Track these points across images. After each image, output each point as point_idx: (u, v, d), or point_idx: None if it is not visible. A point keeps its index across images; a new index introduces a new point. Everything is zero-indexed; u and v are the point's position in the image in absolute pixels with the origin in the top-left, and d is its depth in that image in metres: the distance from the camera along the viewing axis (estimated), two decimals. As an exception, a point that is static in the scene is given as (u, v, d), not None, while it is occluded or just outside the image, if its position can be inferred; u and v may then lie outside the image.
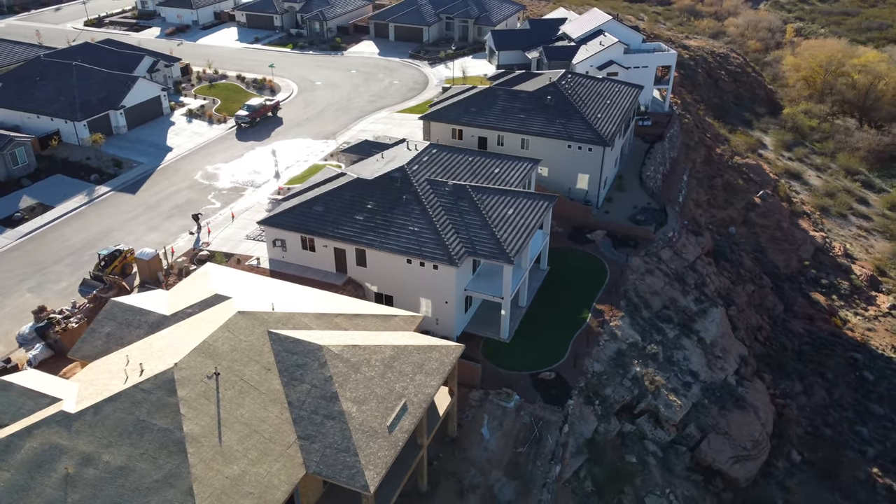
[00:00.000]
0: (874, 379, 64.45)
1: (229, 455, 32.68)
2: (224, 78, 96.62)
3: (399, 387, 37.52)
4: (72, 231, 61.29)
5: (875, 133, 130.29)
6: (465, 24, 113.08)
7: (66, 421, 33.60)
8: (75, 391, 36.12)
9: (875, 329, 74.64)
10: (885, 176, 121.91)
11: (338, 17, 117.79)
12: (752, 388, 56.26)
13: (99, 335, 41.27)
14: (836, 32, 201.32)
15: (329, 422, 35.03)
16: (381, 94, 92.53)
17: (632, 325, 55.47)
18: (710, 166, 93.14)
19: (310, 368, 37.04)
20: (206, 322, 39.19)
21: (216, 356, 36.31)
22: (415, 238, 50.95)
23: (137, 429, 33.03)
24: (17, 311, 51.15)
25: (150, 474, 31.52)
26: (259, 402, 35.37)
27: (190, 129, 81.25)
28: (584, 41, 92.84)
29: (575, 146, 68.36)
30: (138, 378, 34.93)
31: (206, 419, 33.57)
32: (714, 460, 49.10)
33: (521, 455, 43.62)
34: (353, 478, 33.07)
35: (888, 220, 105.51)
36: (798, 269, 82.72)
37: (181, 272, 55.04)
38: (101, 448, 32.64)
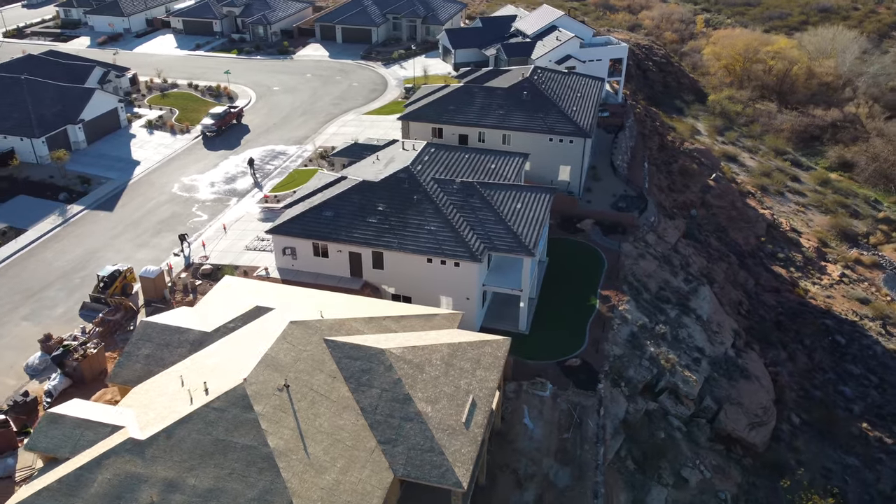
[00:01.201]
0: (846, 342, 69.37)
1: (319, 466, 32.19)
2: (175, 87, 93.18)
3: (463, 383, 37.85)
4: (53, 254, 57.96)
5: (796, 115, 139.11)
6: (413, 24, 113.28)
7: (138, 448, 32.20)
8: (133, 417, 34.59)
9: (833, 297, 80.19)
10: (809, 154, 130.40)
11: (281, 21, 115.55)
12: (750, 359, 59.60)
13: (137, 358, 39.55)
14: (741, 22, 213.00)
15: (407, 424, 34.99)
16: (342, 96, 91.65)
17: (638, 307, 57.63)
18: (665, 153, 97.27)
19: (376, 373, 36.83)
20: (257, 335, 38.25)
21: (281, 368, 35.57)
22: (433, 237, 51.15)
23: (219, 448, 32.03)
24: (16, 342, 48.07)
25: (244, 493, 30.69)
26: (333, 411, 34.93)
27: (153, 141, 78.05)
28: (540, 37, 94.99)
29: (556, 139, 70.08)
30: (206, 397, 33.80)
31: (288, 432, 32.91)
32: (733, 429, 51.80)
33: (567, 441, 44.74)
34: (444, 476, 33.23)
35: (821, 195, 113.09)
36: (756, 246, 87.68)
37: (186, 288, 53.16)
38: (184, 472, 31.48)
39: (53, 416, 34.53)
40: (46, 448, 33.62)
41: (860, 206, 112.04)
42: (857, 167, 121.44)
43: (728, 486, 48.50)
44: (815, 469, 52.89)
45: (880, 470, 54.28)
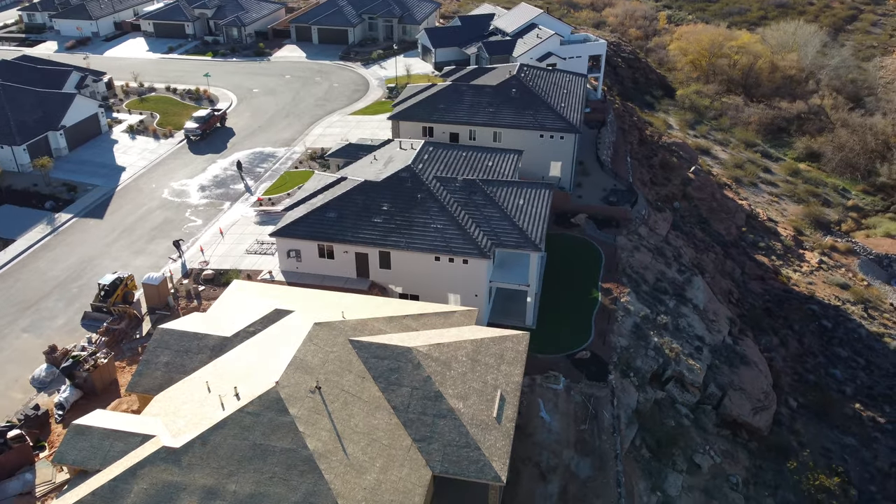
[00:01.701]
0: (832, 326, 71.48)
1: (359, 466, 32.09)
2: (153, 90, 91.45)
3: (490, 378, 38.09)
4: (47, 263, 56.47)
5: (762, 107, 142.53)
6: (389, 24, 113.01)
7: (173, 456, 31.70)
8: (163, 426, 34.01)
9: (815, 283, 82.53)
10: (777, 145, 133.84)
11: (255, 23, 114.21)
12: (747, 346, 61.06)
13: (156, 366, 38.86)
14: (702, 18, 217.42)
15: (440, 420, 35.09)
16: (324, 97, 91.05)
17: (638, 299, 58.57)
18: (645, 147, 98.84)
19: (404, 371, 36.83)
20: (281, 338, 37.92)
21: (310, 370, 35.34)
22: (439, 235, 51.26)
23: (257, 453, 31.71)
24: (18, 355, 46.75)
25: (287, 497, 30.45)
26: (366, 411, 34.83)
27: (137, 147, 76.51)
28: (520, 35, 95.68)
29: (547, 135, 70.72)
30: (238, 402, 33.41)
31: (325, 434, 32.74)
32: (739, 414, 53.03)
33: (585, 432, 45.30)
34: (483, 471, 33.43)
35: (792, 185, 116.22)
36: (738, 236, 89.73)
37: (189, 294, 52.33)
38: (223, 478, 31.09)
39: (80, 428, 33.75)
40: (75, 461, 32.86)
41: (830, 195, 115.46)
42: (824, 157, 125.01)
43: (737, 470, 49.66)
44: (816, 450, 54.46)
45: (877, 448, 56.14)
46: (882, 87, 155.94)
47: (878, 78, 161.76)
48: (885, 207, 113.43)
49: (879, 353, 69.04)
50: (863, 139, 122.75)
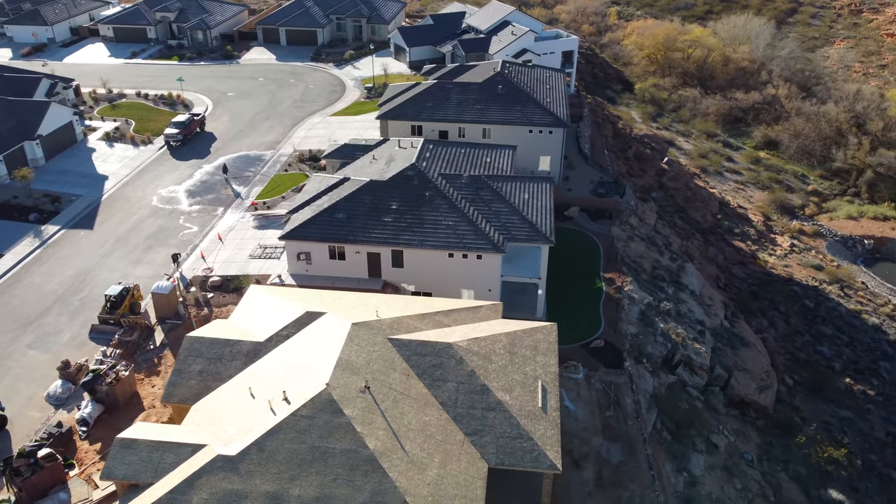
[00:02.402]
0: (814, 306, 74.42)
1: (419, 463, 32.13)
2: (123, 97, 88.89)
3: (529, 370, 38.52)
4: (42, 277, 54.47)
5: (719, 99, 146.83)
6: (358, 24, 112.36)
7: (231, 464, 31.16)
8: (210, 434, 33.36)
9: (790, 266, 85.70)
10: (735, 135, 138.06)
11: (220, 25, 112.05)
12: (743, 328, 63.13)
13: (190, 375, 38.05)
14: (651, 13, 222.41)
15: (490, 414, 35.36)
16: (302, 99, 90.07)
17: (640, 287, 59.94)
18: (619, 140, 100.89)
19: (448, 367, 36.97)
20: (319, 340, 37.59)
21: (357, 370, 35.17)
22: (452, 231, 51.49)
23: (317, 456, 31.43)
24: (28, 372, 45.05)
25: (354, 497, 30.30)
26: (416, 408, 34.86)
27: (116, 154, 74.32)
28: (494, 32, 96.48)
29: (536, 130, 71.67)
30: (290, 406, 33.01)
31: (381, 432, 32.66)
32: (746, 394, 54.85)
33: (610, 419, 46.20)
34: (538, 461, 33.84)
35: (755, 173, 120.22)
36: (714, 223, 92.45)
37: (198, 302, 51.27)
38: (286, 483, 30.74)
39: (126, 442, 32.82)
40: (125, 475, 31.94)
41: (791, 181, 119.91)
42: (781, 145, 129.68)
43: (749, 447, 51.37)
44: (816, 424, 56.70)
45: (871, 419, 58.78)
46: (828, 76, 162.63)
47: (824, 67, 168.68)
48: (842, 191, 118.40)
49: (859, 330, 72.21)
50: (817, 127, 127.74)
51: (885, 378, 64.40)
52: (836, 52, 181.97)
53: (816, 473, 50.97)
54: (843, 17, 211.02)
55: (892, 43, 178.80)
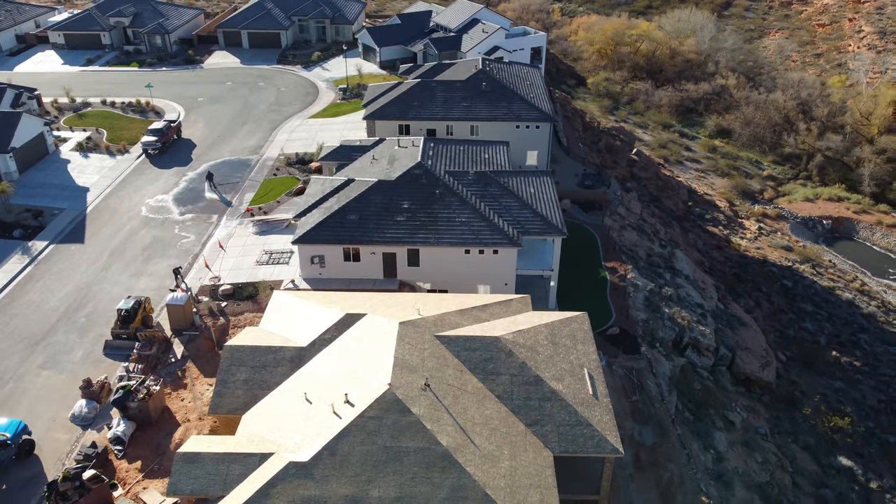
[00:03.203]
0: (792, 285, 77.79)
1: (491, 456, 32.40)
2: (88, 105, 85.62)
3: (573, 358, 39.21)
4: (40, 295, 52.16)
5: (671, 90, 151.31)
6: (321, 25, 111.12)
7: (304, 471, 30.78)
8: (272, 442, 32.81)
9: (762, 248, 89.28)
10: (689, 125, 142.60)
11: (178, 29, 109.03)
12: (736, 309, 65.53)
13: (235, 385, 37.27)
14: (592, 9, 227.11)
15: (546, 403, 35.87)
16: (277, 102, 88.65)
17: (641, 274, 61.53)
18: (589, 132, 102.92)
19: (498, 360, 37.30)
20: (368, 341, 37.38)
21: (413, 369, 35.16)
22: (467, 228, 51.80)
23: (391, 456, 31.33)
24: (45, 393, 43.15)
25: (434, 494, 30.36)
26: (475, 402, 35.09)
27: (92, 165, 71.62)
28: (465, 30, 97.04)
29: (523, 125, 72.54)
30: (354, 409, 32.76)
31: (450, 429, 32.78)
32: (751, 371, 57.05)
33: (637, 403, 47.38)
34: (600, 446, 34.53)
35: (713, 161, 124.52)
36: (686, 210, 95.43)
37: (212, 312, 50.06)
38: (364, 485, 30.55)
39: (188, 456, 31.95)
40: (193, 490, 31.12)
41: (748, 168, 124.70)
42: (734, 133, 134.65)
43: (760, 422, 53.50)
44: (814, 395, 59.42)
45: (862, 389, 61.94)
46: (768, 66, 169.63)
47: (764, 57, 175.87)
48: (794, 175, 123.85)
49: (835, 305, 75.89)
50: (766, 115, 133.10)
51: (867, 349, 67.91)
52: (773, 43, 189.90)
53: (824, 442, 53.48)
54: (774, 9, 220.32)
55: (824, 33, 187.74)
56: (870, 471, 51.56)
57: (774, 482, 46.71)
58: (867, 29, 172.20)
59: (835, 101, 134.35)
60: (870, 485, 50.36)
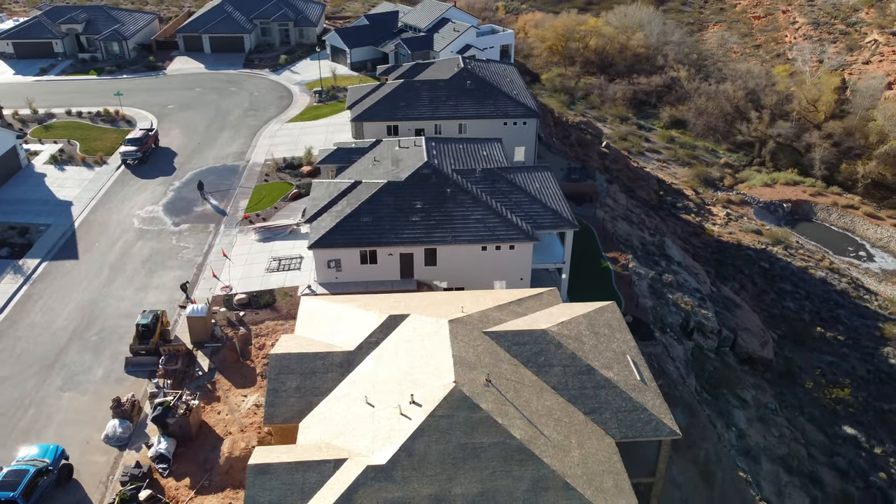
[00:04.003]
0: (769, 266, 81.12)
1: (561, 446, 32.95)
2: (52, 116, 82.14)
3: (615, 346, 40.11)
4: (42, 315, 49.93)
5: (624, 84, 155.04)
6: (285, 28, 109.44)
7: (384, 474, 30.68)
8: (340, 448, 32.54)
9: (734, 232, 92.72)
10: (644, 117, 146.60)
11: (135, 35, 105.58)
12: (727, 292, 67.99)
13: (286, 393, 36.71)
14: (535, 6, 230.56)
15: (601, 391, 36.62)
16: (251, 107, 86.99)
17: (641, 263, 63.18)
18: (559, 127, 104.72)
19: (549, 352, 37.85)
20: (417, 340, 37.39)
21: (472, 365, 35.40)
22: (482, 225, 52.22)
23: (468, 453, 31.52)
24: (72, 416, 41.43)
25: (516, 487, 30.75)
26: (535, 395, 35.57)
27: (70, 178, 68.82)
28: (435, 29, 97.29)
29: (510, 122, 73.46)
30: (422, 409, 32.77)
31: (518, 421, 33.18)
32: (753, 350, 59.36)
33: (662, 386, 48.67)
34: (658, 429, 35.50)
35: (673, 151, 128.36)
36: (658, 200, 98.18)
37: (231, 322, 48.99)
38: (446, 483, 30.67)
39: (260, 468, 31.35)
40: (271, 501, 30.54)
41: (705, 156, 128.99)
42: (688, 123, 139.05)
43: (767, 398, 55.78)
44: (809, 370, 62.26)
45: (850, 361, 65.21)
46: (710, 57, 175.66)
47: (706, 50, 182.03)
48: (749, 162, 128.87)
49: (811, 283, 79.56)
50: (718, 105, 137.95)
51: (847, 324, 71.49)
52: (712, 36, 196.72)
53: (827, 413, 56.11)
54: (709, 2, 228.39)
55: (760, 25, 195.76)
56: (872, 438, 54.49)
57: (793, 454, 48.86)
58: (801, 20, 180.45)
59: (781, 89, 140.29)
60: (874, 450, 53.23)
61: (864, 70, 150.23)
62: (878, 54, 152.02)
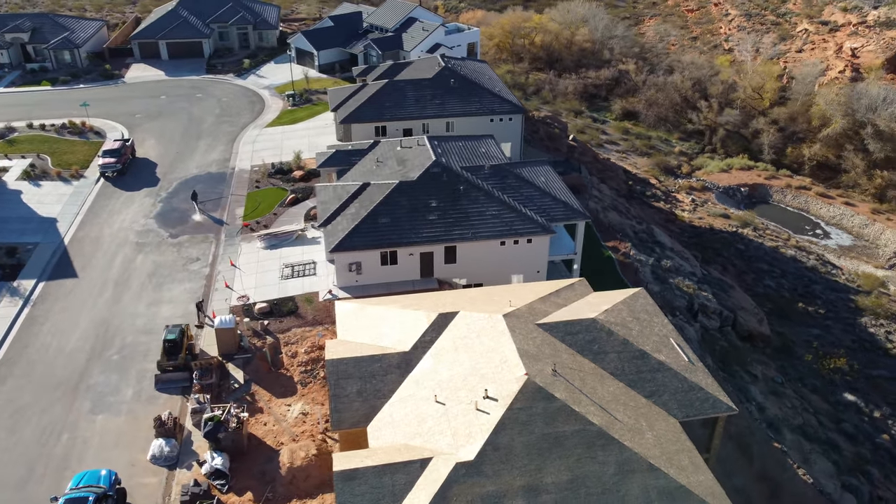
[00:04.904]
0: (744, 248, 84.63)
1: (634, 429, 33.83)
2: (13, 131, 78.09)
3: (657, 330, 41.31)
4: (53, 337, 47.60)
5: (574, 78, 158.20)
6: (244, 32, 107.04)
7: (474, 469, 30.89)
8: (424, 446, 32.53)
9: (703, 217, 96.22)
10: (596, 110, 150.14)
11: (87, 43, 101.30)
12: (716, 274, 70.64)
13: (349, 398, 36.38)
14: (474, 4, 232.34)
15: (658, 374, 37.70)
16: (224, 113, 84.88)
17: (639, 251, 64.99)
18: (528, 123, 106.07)
19: (601, 340, 38.69)
20: (473, 336, 37.62)
21: (536, 357, 35.89)
22: (499, 220, 52.76)
23: (552, 442, 32.04)
24: (111, 439, 39.75)
25: (604, 471, 31.44)
26: (598, 381, 36.35)
27: (49, 194, 65.68)
28: (403, 29, 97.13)
29: (496, 118, 74.30)
30: (500, 402, 33.06)
31: (592, 408, 33.88)
32: (754, 328, 61.94)
33: (685, 367, 50.28)
34: (716, 406, 36.84)
35: (630, 142, 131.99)
36: (628, 189, 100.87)
37: (256, 332, 47.96)
38: (535, 473, 31.11)
39: (347, 474, 31.00)
40: (365, 506, 30.31)
41: (660, 146, 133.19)
42: (640, 115, 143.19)
43: (772, 372, 58.38)
44: (801, 343, 65.43)
45: (834, 332, 68.83)
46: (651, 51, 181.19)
47: (646, 43, 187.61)
48: (701, 149, 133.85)
49: (783, 262, 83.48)
50: (668, 95, 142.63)
51: (823, 298, 75.41)
52: (649, 29, 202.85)
53: (825, 383, 59.15)
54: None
55: (694, 17, 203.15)
56: (869, 402, 57.81)
57: (807, 423, 51.38)
58: (733, 12, 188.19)
59: (725, 79, 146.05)
60: (874, 414, 56.51)
61: (797, 58, 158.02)
62: (810, 43, 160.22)
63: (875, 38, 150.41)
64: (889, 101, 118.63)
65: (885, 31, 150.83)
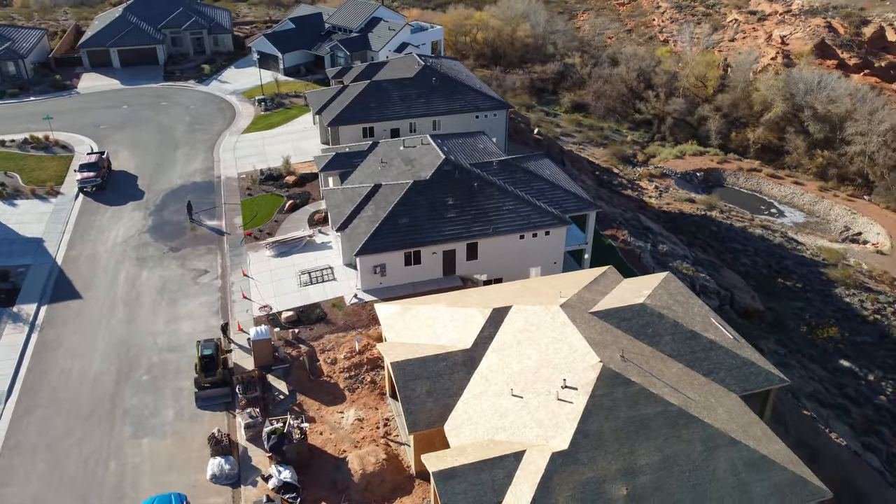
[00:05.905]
0: (717, 230, 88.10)
1: (708, 405, 35.02)
2: (-30, 148, 73.51)
3: (696, 311, 42.75)
4: (71, 361, 45.13)
5: (521, 73, 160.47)
6: (198, 36, 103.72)
7: (570, 458, 31.38)
8: (511, 440, 32.76)
9: (671, 203, 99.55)
10: (545, 103, 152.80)
11: (31, 53, 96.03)
12: (706, 256, 73.33)
13: (421, 399, 36.18)
14: (408, 3, 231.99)
15: (711, 353, 39.05)
16: (195, 121, 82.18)
17: (637, 237, 66.82)
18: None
19: (654, 324, 39.76)
20: (533, 329, 38.09)
21: (602, 344, 36.61)
22: (517, 214, 53.31)
23: (638, 425, 32.83)
24: (163, 463, 38.15)
25: (692, 448, 32.47)
26: (661, 363, 37.36)
27: (28, 213, 62.07)
28: (368, 29, 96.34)
29: (482, 115, 74.91)
30: (578, 392, 33.62)
31: (668, 389, 34.86)
32: (749, 304, 64.67)
33: (706, 346, 52.09)
34: (769, 379, 38.48)
35: (584, 133, 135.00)
36: (597, 180, 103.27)
37: (287, 341, 46.92)
38: (629, 456, 31.84)
39: (446, 474, 30.90)
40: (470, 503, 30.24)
41: (613, 136, 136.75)
42: (589, 107, 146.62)
43: (773, 345, 61.17)
44: (791, 316, 68.75)
45: (815, 304, 72.61)
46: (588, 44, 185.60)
47: (584, 36, 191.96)
48: (651, 138, 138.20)
49: (754, 240, 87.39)
50: (615, 87, 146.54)
51: (797, 272, 79.42)
52: (584, 23, 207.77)
53: (821, 352, 62.42)
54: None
55: (626, 11, 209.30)
56: (862, 367, 61.41)
57: (817, 391, 54.15)
58: (664, 4, 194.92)
59: (667, 69, 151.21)
60: (868, 378, 60.07)
61: (731, 47, 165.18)
62: (741, 32, 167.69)
63: (801, 26, 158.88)
64: (824, 84, 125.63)
65: (811, 19, 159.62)
